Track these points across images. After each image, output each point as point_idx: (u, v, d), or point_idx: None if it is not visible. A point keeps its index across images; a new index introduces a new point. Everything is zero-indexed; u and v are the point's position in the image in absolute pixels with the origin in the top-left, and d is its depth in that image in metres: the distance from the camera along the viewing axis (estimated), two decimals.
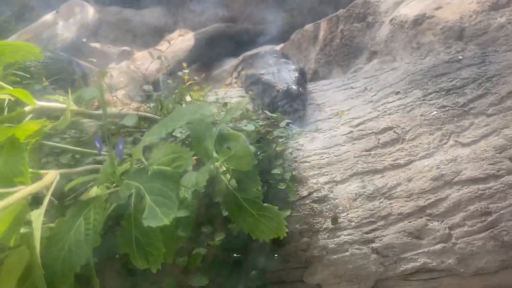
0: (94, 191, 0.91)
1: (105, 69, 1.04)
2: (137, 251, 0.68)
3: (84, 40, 3.34)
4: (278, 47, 2.53)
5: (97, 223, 0.64)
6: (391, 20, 1.92)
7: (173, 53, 2.84)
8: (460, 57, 1.42)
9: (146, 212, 0.59)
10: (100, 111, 1.11)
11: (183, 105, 0.90)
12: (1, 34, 2.82)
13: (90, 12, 3.46)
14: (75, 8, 3.39)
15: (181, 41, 3.01)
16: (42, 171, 0.75)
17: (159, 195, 0.61)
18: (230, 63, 2.94)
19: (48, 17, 3.19)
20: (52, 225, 0.76)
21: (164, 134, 0.70)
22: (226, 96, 1.41)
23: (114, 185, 0.76)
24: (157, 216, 0.58)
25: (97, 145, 0.71)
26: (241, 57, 2.60)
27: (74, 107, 0.88)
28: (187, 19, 4.16)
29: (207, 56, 3.10)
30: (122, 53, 2.80)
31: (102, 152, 0.75)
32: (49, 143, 0.94)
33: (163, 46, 3.17)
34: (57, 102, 0.92)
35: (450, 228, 1.04)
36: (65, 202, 0.95)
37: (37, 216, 0.67)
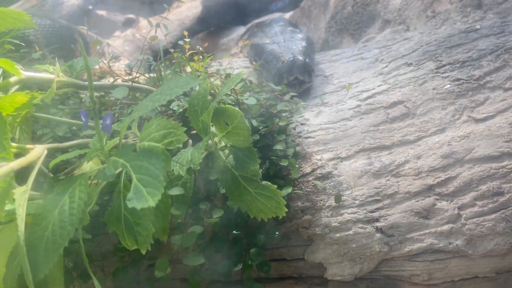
0: (88, 165, 0.88)
1: (97, 39, 0.99)
2: (126, 230, 0.65)
3: (90, 7, 3.27)
4: (287, 15, 2.43)
5: (82, 202, 0.61)
6: None
7: (179, 21, 2.76)
8: (478, 27, 1.34)
9: (131, 192, 0.55)
10: (98, 82, 1.07)
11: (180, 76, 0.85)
12: (5, 0, 2.76)
13: None
14: None
15: (188, 9, 2.92)
16: (28, 146, 0.72)
17: (146, 174, 0.57)
18: (239, 32, 2.85)
19: None
20: (41, 201, 0.73)
21: (151, 108, 0.66)
22: (229, 67, 1.35)
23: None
24: (142, 197, 0.55)
25: (83, 119, 0.67)
26: (249, 26, 2.51)
27: (63, 78, 0.84)
28: None
29: (215, 25, 3.01)
30: (127, 21, 2.72)
31: (87, 127, 0.71)
32: (41, 115, 0.90)
33: (170, 14, 3.09)
34: (48, 72, 0.88)
35: (460, 208, 0.99)
36: (59, 176, 0.92)
37: (21, 193, 0.64)
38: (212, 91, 1.11)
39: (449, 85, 1.15)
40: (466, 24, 1.48)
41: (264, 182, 0.84)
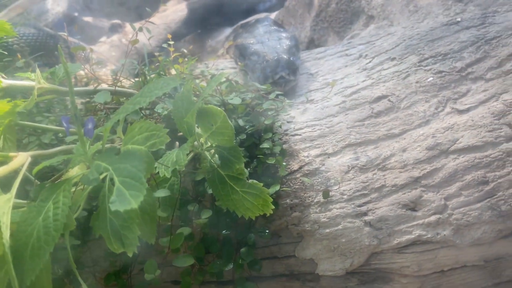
0: (74, 171, 0.88)
1: (80, 45, 0.99)
2: (112, 234, 0.65)
3: (76, 14, 3.26)
4: (273, 15, 2.44)
5: (66, 207, 0.61)
6: None
7: (165, 24, 2.76)
8: (459, 19, 1.35)
9: (114, 195, 0.56)
10: (80, 88, 1.07)
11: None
12: None
13: None
14: None
15: (174, 12, 2.92)
16: (12, 154, 0.72)
17: (128, 176, 0.57)
18: (226, 33, 2.86)
19: None
20: (26, 209, 0.73)
21: (132, 111, 0.66)
22: (214, 68, 1.35)
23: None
24: (125, 199, 0.55)
25: (64, 125, 0.67)
26: (234, 27, 2.52)
27: (44, 84, 0.84)
28: None
29: (202, 27, 3.01)
30: (113, 26, 2.72)
31: (69, 132, 0.71)
32: (26, 123, 0.90)
33: (155, 18, 3.08)
34: (29, 79, 0.87)
35: (446, 198, 1.00)
36: (45, 183, 0.92)
37: (5, 201, 0.64)
38: (197, 93, 1.11)
39: (431, 78, 1.17)
40: (448, 17, 1.49)
41: (250, 181, 0.85)
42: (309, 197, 1.04)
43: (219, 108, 0.79)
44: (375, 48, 1.40)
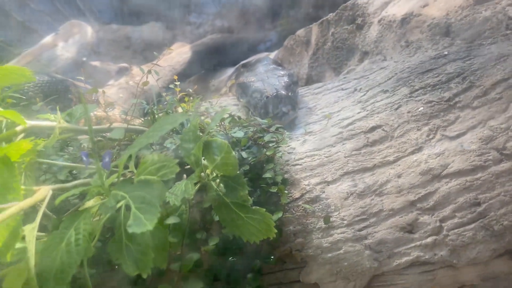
0: (91, 203, 0.94)
1: (93, 87, 1.08)
2: (128, 258, 0.71)
3: (84, 59, 3.41)
4: (272, 54, 2.56)
5: (87, 233, 0.67)
6: (379, 21, 1.94)
7: (170, 66, 2.89)
8: (446, 53, 1.44)
9: (131, 219, 0.62)
10: (95, 127, 1.15)
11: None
12: (4, 57, 2.90)
13: (89, 31, 3.54)
14: (73, 29, 3.47)
15: (178, 54, 3.06)
16: (35, 188, 0.78)
17: (143, 202, 0.64)
18: (228, 73, 2.99)
19: (48, 39, 3.27)
20: (46, 239, 0.79)
21: (145, 145, 0.73)
22: (218, 105, 1.44)
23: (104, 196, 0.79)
24: (141, 223, 0.61)
25: (84, 159, 0.74)
26: (236, 66, 2.64)
27: (64, 124, 0.92)
28: (185, 32, 4.25)
29: (205, 67, 3.15)
30: (120, 69, 2.85)
31: (88, 166, 0.78)
32: (44, 160, 0.97)
33: (161, 60, 3.23)
34: (49, 120, 0.96)
35: (441, 220, 1.05)
36: (62, 216, 0.98)
37: (31, 230, 0.70)
38: (202, 128, 1.19)
39: (422, 108, 1.24)
40: (436, 50, 1.59)
41: (253, 207, 0.90)
42: (311, 223, 1.09)
43: (223, 140, 0.86)
44: (369, 82, 1.49)
